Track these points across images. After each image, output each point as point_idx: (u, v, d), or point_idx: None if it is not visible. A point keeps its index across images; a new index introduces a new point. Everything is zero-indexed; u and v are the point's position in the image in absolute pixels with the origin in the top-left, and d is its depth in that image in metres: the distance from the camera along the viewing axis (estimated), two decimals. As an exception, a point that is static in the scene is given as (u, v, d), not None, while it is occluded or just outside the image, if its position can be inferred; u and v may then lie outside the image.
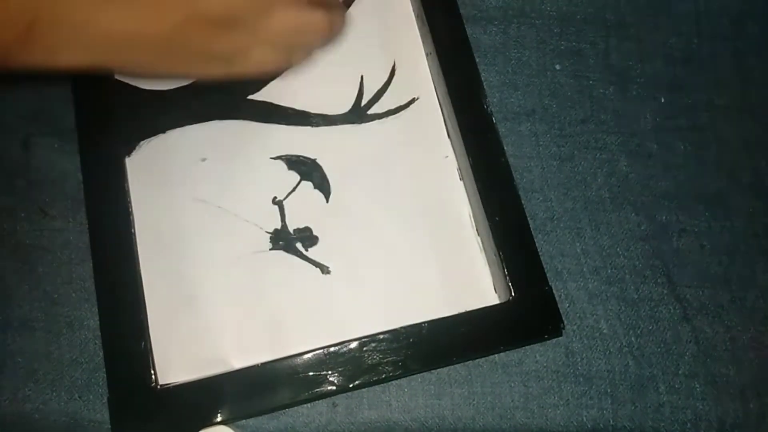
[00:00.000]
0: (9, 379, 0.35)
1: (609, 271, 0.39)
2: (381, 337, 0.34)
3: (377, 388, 0.36)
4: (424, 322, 0.34)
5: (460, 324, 0.35)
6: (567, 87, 0.43)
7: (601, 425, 0.36)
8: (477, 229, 0.38)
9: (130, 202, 0.36)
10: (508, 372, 0.37)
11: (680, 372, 0.38)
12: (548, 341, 0.37)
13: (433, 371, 0.36)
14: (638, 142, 0.42)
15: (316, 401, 0.36)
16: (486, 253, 0.38)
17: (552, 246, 0.39)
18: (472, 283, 0.37)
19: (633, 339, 0.38)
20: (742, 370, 0.38)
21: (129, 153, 0.38)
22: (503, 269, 0.35)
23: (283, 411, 0.35)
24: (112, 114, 0.37)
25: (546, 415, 0.36)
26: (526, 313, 0.35)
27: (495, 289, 0.37)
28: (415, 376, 0.36)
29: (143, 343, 0.34)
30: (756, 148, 0.43)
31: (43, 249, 0.37)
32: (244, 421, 0.35)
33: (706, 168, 0.42)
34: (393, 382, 0.36)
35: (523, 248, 0.36)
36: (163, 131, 0.39)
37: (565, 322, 0.38)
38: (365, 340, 0.34)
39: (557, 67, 0.43)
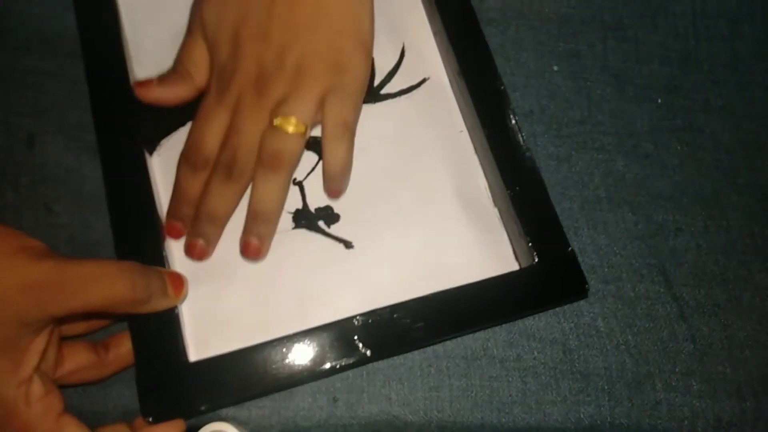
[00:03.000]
0: (13, 374, 0.35)
1: (606, 269, 0.39)
2: (411, 303, 0.34)
3: (377, 381, 0.36)
4: (451, 288, 0.34)
5: (488, 289, 0.35)
6: (564, 88, 0.42)
7: (599, 422, 0.36)
8: (494, 200, 0.38)
9: (154, 194, 0.36)
10: (506, 367, 0.37)
11: (677, 370, 0.37)
12: (546, 338, 0.37)
13: (432, 363, 0.36)
14: (635, 143, 0.42)
15: (316, 396, 0.35)
16: (505, 222, 0.38)
17: (550, 245, 0.39)
18: (492, 253, 0.37)
19: (630, 337, 0.38)
20: (739, 368, 0.38)
21: (153, 150, 0.38)
22: (525, 236, 0.35)
23: (285, 406, 0.35)
24: (132, 117, 0.37)
25: (543, 411, 0.36)
26: (551, 276, 0.35)
27: (516, 257, 0.37)
28: (414, 368, 0.36)
29: (173, 320, 0.33)
30: (752, 148, 0.42)
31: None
32: (245, 416, 0.35)
33: (702, 168, 0.42)
34: (393, 375, 0.36)
35: (543, 213, 0.36)
36: (183, 124, 0.39)
37: (563, 320, 0.38)
38: (395, 306, 0.34)
39: (555, 68, 0.43)
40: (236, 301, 0.36)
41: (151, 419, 0.32)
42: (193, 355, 0.34)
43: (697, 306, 0.39)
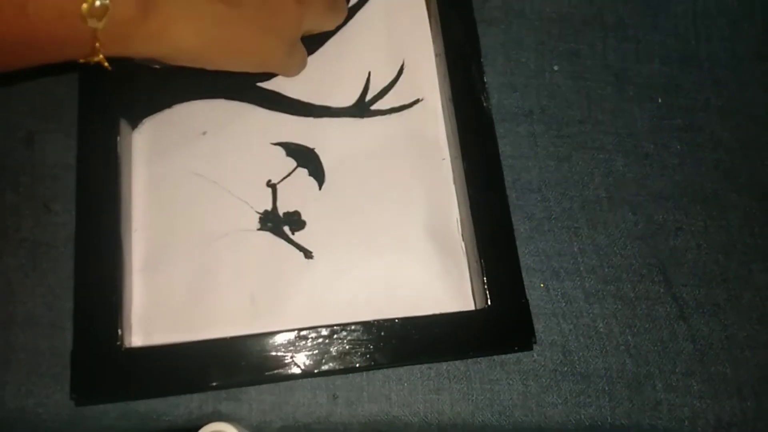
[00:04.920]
0: (13, 375, 0.34)
1: (606, 270, 0.38)
2: (353, 327, 0.33)
3: (377, 381, 0.35)
4: (396, 318, 0.33)
5: (433, 325, 0.33)
6: (565, 88, 0.41)
7: (599, 423, 0.35)
8: (462, 234, 0.37)
9: (120, 172, 0.34)
10: (507, 370, 0.35)
11: (677, 370, 0.36)
12: (546, 340, 0.36)
13: (432, 366, 0.35)
14: (635, 142, 0.40)
15: (316, 393, 0.34)
16: (469, 259, 0.36)
17: (549, 245, 0.38)
18: (453, 286, 0.36)
19: (630, 337, 0.37)
20: (739, 368, 0.37)
21: (135, 127, 0.37)
22: (483, 277, 0.34)
23: (285, 401, 0.34)
24: (118, 92, 0.36)
25: (544, 414, 0.35)
26: (500, 323, 0.34)
27: (473, 295, 0.36)
28: (414, 370, 0.35)
29: (112, 305, 0.32)
30: (752, 147, 0.41)
31: (47, 245, 0.35)
32: (246, 411, 0.34)
33: (702, 168, 0.40)
34: (393, 375, 0.35)
35: (505, 258, 0.35)
36: (170, 106, 0.37)
37: (562, 322, 0.37)
38: (336, 328, 0.33)
39: (555, 68, 0.41)
40: (188, 293, 0.34)
41: (74, 397, 0.31)
42: (138, 341, 0.33)
43: (697, 306, 0.38)
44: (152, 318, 0.34)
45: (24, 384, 0.33)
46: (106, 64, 0.29)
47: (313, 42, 0.40)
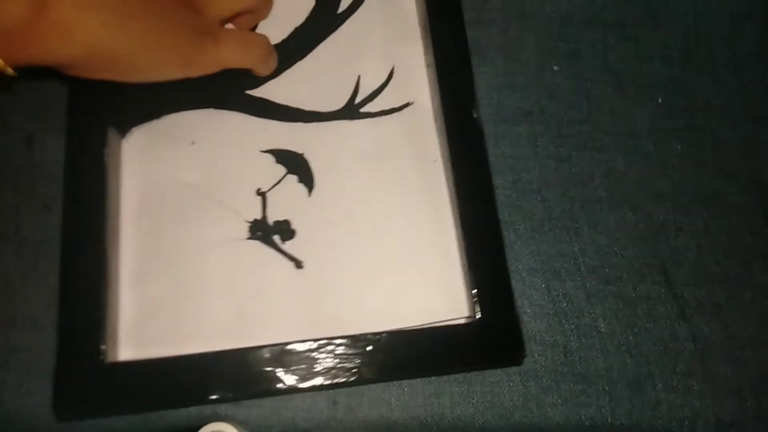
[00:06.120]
0: (13, 375, 0.33)
1: (607, 270, 0.37)
2: (339, 341, 0.32)
3: (377, 386, 0.34)
4: (384, 332, 0.32)
5: (422, 339, 0.32)
6: (565, 88, 0.40)
7: (599, 423, 0.34)
8: (456, 239, 0.36)
9: (107, 181, 0.34)
10: (507, 371, 0.35)
11: (678, 370, 0.36)
12: (547, 340, 0.35)
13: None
14: (635, 143, 0.40)
15: (316, 398, 0.34)
16: (462, 265, 0.35)
17: (550, 246, 0.37)
18: (446, 295, 0.34)
19: (631, 337, 0.36)
20: (740, 368, 0.36)
21: (123, 137, 0.36)
22: (472, 289, 0.33)
23: (285, 407, 0.33)
24: (107, 100, 0.35)
25: (544, 414, 0.34)
26: (489, 336, 0.32)
27: (467, 304, 0.35)
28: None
29: (95, 318, 0.31)
30: (752, 147, 0.40)
31: (48, 244, 0.35)
32: (245, 415, 0.33)
33: (702, 168, 0.40)
34: (393, 381, 0.34)
35: (494, 270, 0.33)
36: (159, 116, 0.37)
37: (564, 322, 0.36)
38: (322, 342, 0.32)
39: (555, 68, 0.41)
40: (177, 304, 0.34)
41: (56, 411, 0.31)
42: (128, 355, 0.33)
43: (697, 306, 0.37)
44: (142, 331, 0.33)
45: (24, 384, 0.33)
46: (10, 71, 0.27)
47: (303, 47, 0.39)
